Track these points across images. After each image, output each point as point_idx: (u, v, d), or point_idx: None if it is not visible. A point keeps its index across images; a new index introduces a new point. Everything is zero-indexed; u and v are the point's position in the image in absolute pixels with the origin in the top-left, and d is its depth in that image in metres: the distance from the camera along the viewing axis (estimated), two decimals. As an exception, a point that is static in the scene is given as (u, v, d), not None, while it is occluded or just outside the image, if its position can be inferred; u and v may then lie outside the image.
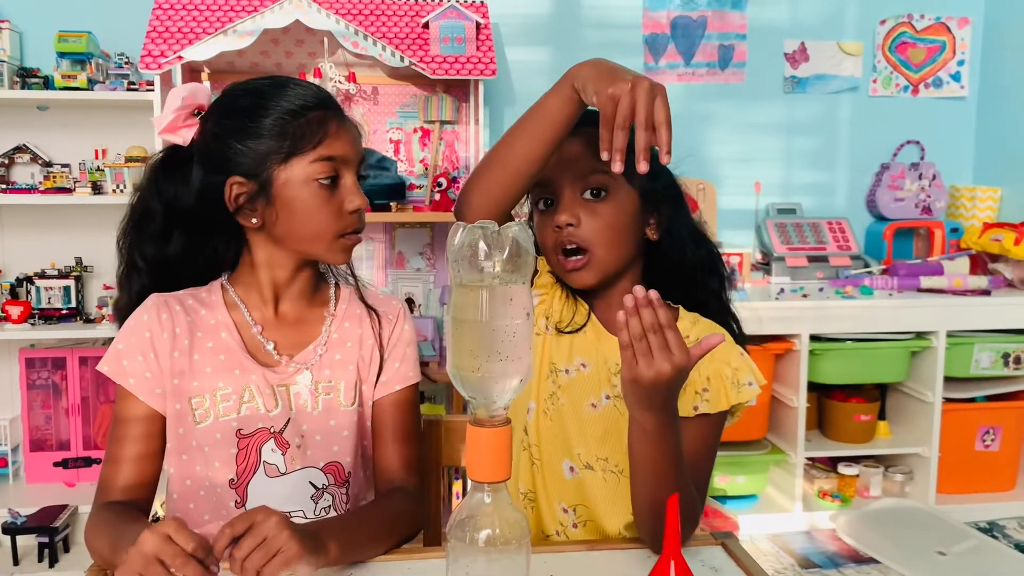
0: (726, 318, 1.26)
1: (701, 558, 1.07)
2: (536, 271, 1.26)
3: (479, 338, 0.80)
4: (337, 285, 1.34)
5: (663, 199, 1.23)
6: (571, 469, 1.25)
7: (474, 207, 1.17)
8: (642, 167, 1.03)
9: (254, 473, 1.21)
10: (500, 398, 0.81)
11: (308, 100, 1.19)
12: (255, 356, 1.23)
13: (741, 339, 1.24)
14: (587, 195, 1.19)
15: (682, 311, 1.25)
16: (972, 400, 2.91)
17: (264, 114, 1.17)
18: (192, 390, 1.20)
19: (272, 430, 1.22)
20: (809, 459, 2.89)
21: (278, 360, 1.24)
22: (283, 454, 1.22)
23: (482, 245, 0.79)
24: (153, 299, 1.23)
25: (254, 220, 1.20)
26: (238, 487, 1.21)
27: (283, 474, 1.23)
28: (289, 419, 1.23)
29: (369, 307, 1.32)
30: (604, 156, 1.04)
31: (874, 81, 3.35)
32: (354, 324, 1.30)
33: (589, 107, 1.09)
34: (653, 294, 0.92)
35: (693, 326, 1.22)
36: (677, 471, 1.05)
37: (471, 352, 0.80)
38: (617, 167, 1.03)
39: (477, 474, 0.81)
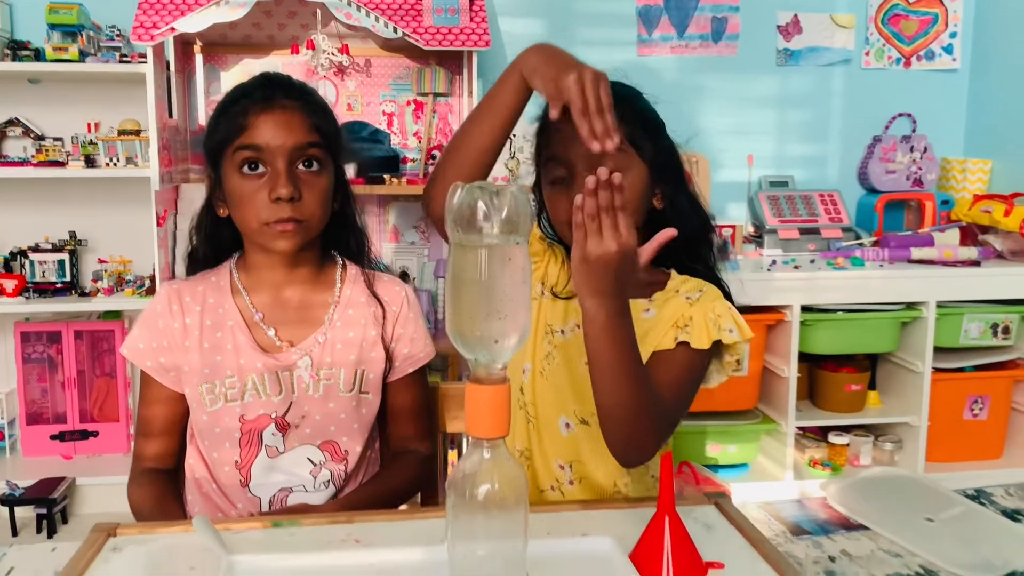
0: (717, 282, 1.29)
1: (695, 516, 1.09)
2: None
3: (478, 297, 0.81)
4: (344, 266, 1.35)
5: (668, 170, 1.26)
6: (567, 425, 1.28)
7: (439, 199, 1.19)
8: (609, 144, 1.05)
9: (256, 455, 1.26)
10: (499, 356, 0.82)
11: (239, 91, 1.24)
12: (259, 343, 1.26)
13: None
14: None
15: (673, 272, 1.28)
16: (961, 370, 2.94)
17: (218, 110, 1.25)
18: (202, 377, 1.24)
19: (273, 415, 1.26)
20: (800, 428, 2.92)
21: (280, 346, 1.27)
22: (283, 436, 1.26)
23: (481, 205, 0.80)
24: (165, 289, 1.29)
25: (222, 211, 1.27)
26: (242, 468, 1.26)
27: (281, 453, 1.27)
28: (291, 404, 1.26)
29: (375, 296, 1.33)
30: (595, 147, 1.05)
31: (866, 54, 3.34)
32: (358, 312, 1.31)
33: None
34: (616, 177, 0.94)
35: (683, 283, 1.26)
36: (632, 367, 1.05)
37: (470, 311, 0.81)
38: (610, 144, 1.05)
39: (476, 430, 0.82)
